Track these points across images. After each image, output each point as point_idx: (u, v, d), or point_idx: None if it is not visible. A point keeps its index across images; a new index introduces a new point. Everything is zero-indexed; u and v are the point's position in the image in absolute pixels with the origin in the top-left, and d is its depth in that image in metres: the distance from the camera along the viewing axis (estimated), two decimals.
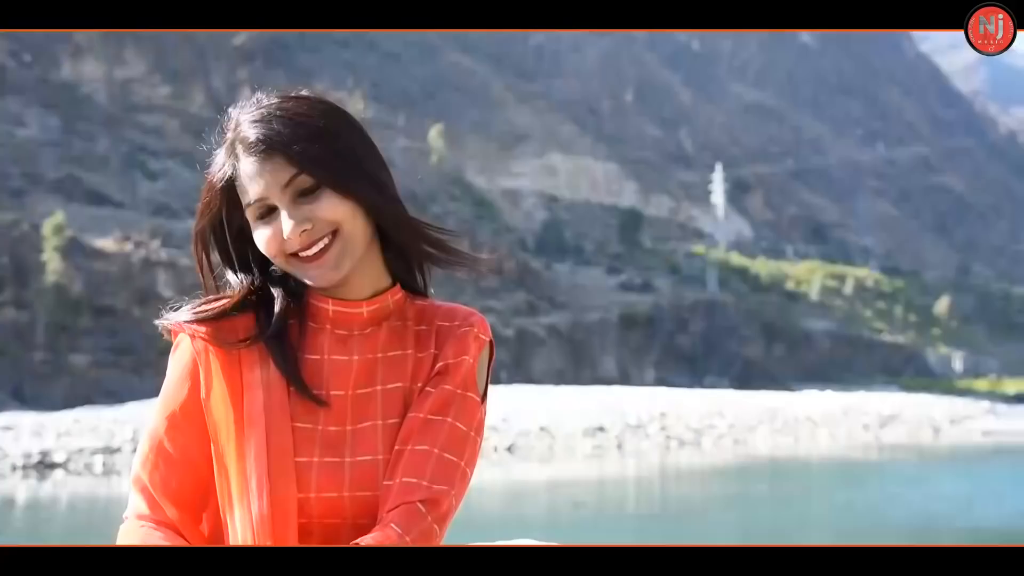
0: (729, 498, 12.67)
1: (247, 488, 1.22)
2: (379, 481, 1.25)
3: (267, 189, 1.24)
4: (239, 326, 1.29)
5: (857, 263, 79.33)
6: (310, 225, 1.23)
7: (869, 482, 14.42)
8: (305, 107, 1.26)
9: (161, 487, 1.26)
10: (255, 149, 1.24)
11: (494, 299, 43.66)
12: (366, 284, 1.31)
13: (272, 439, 1.24)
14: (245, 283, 1.31)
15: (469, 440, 1.28)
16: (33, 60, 51.93)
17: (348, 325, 1.31)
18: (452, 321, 1.33)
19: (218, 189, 1.29)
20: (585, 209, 71.61)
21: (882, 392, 40.64)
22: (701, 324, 50.13)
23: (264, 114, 1.25)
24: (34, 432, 16.11)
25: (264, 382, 1.26)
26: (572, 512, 11.27)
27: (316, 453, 1.25)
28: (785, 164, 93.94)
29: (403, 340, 1.32)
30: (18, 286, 29.47)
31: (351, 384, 1.29)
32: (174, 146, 51.74)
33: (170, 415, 1.27)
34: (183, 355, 1.28)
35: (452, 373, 1.30)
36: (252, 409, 1.25)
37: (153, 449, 1.27)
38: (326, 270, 1.25)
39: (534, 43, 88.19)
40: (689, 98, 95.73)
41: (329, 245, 1.25)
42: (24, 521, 10.65)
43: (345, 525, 1.25)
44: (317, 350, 1.30)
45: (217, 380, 1.26)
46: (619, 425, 20.16)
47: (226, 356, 1.27)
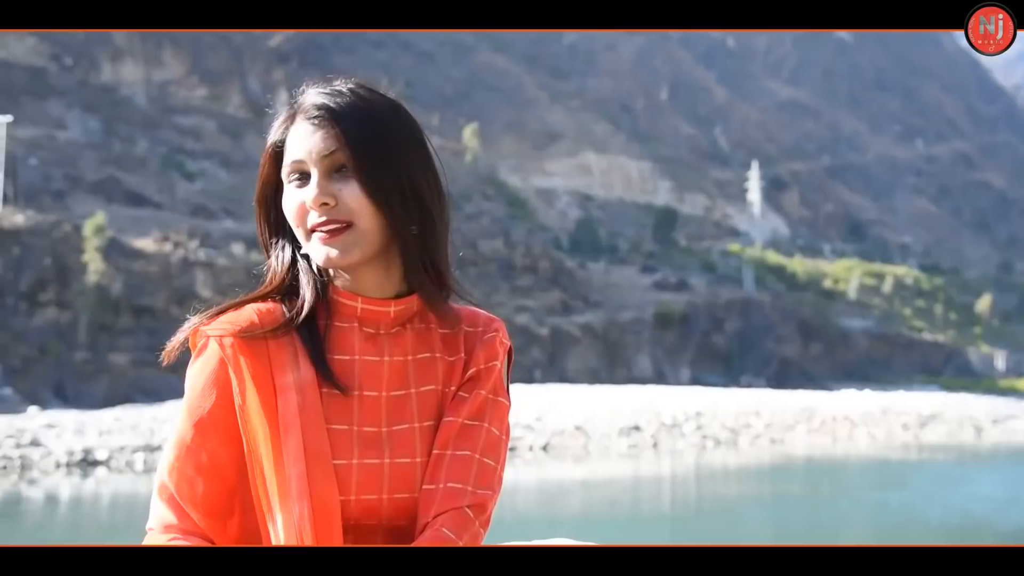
0: (765, 498, 12.58)
1: (288, 492, 1.22)
2: (416, 484, 1.26)
3: (308, 154, 1.24)
4: (266, 322, 1.28)
5: (896, 261, 78.38)
6: (333, 202, 1.23)
7: (908, 482, 14.25)
8: (375, 100, 1.27)
9: (189, 495, 1.25)
10: (310, 114, 1.26)
11: (528, 298, 43.66)
12: (391, 284, 1.30)
13: (309, 442, 1.23)
14: (280, 268, 1.31)
15: (503, 444, 1.32)
16: (74, 64, 52.74)
17: (376, 324, 1.30)
18: (476, 326, 1.35)
19: (269, 154, 1.30)
20: (619, 207, 71.40)
21: (922, 392, 40.12)
22: (737, 323, 49.79)
23: (333, 90, 1.27)
24: (76, 430, 16.37)
25: (297, 384, 1.25)
26: (607, 511, 11.25)
27: (355, 455, 1.25)
28: (822, 161, 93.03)
29: (430, 343, 1.33)
30: (60, 286, 29.95)
31: (384, 386, 1.29)
32: (211, 147, 52.31)
33: (198, 422, 1.26)
34: (210, 361, 1.26)
35: (484, 379, 1.32)
36: (287, 412, 1.24)
37: (180, 457, 1.26)
38: (331, 250, 1.24)
39: (568, 42, 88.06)
40: (724, 95, 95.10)
41: (342, 231, 1.24)
42: (68, 518, 10.82)
43: (381, 527, 1.26)
44: (347, 350, 1.29)
45: (250, 386, 1.25)
46: (654, 424, 20.08)
47: (257, 361, 1.25)
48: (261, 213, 1.32)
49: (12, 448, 14.34)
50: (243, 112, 57.88)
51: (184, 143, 51.58)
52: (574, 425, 19.01)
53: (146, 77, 54.88)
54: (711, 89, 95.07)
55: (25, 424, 17.14)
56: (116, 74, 54.06)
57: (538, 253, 47.17)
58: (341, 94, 1.26)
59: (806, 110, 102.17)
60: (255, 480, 1.25)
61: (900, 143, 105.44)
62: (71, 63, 52.60)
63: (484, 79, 75.52)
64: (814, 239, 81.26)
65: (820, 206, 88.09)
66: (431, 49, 73.16)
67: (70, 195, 39.68)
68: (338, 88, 1.27)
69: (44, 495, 12.17)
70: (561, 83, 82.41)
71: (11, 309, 29.16)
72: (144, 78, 54.74)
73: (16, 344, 27.90)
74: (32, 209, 32.94)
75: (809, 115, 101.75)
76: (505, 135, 70.77)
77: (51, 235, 30.79)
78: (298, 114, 1.27)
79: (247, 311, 1.29)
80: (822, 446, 19.54)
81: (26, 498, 12.00)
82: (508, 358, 1.36)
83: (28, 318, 29.30)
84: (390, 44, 69.59)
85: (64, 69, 52.22)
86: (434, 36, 72.19)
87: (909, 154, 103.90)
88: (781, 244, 74.93)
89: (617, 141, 78.14)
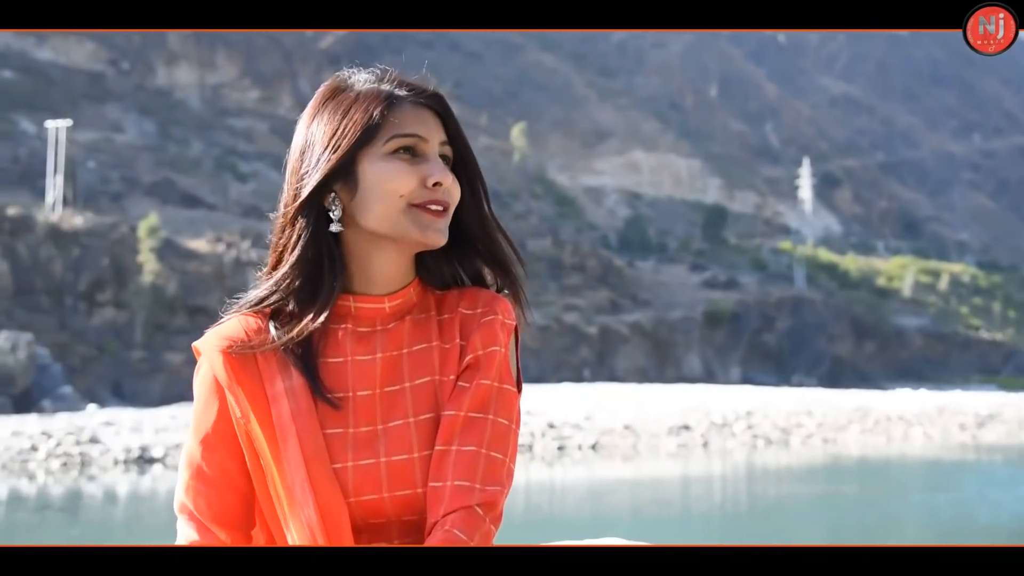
0: (818, 498, 12.42)
1: (295, 499, 1.22)
2: (417, 479, 1.24)
3: (429, 132, 1.27)
4: (253, 338, 1.28)
5: (952, 258, 76.87)
6: (448, 184, 1.26)
7: (963, 483, 13.97)
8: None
9: (207, 511, 1.25)
10: (421, 99, 1.28)
11: (577, 297, 43.59)
12: (394, 278, 1.30)
13: (306, 446, 1.23)
14: (304, 242, 1.27)
15: (511, 434, 1.26)
16: (131, 68, 53.79)
17: (370, 321, 1.29)
18: (475, 308, 1.30)
19: (362, 124, 1.25)
20: (668, 206, 70.96)
21: (979, 391, 39.30)
22: (788, 321, 49.21)
23: (425, 81, 1.31)
24: (133, 428, 16.69)
25: (288, 391, 1.25)
26: (657, 511, 11.19)
27: (349, 457, 1.24)
28: (875, 157, 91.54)
29: (427, 332, 1.30)
30: (117, 286, 30.57)
31: (378, 383, 1.27)
32: (263, 148, 52.99)
33: (203, 438, 1.27)
34: (206, 376, 1.28)
35: (486, 366, 1.26)
36: (282, 420, 1.24)
37: (192, 475, 1.26)
38: (441, 225, 1.26)
39: (616, 40, 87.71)
40: (775, 92, 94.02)
41: (444, 212, 1.27)
42: (125, 514, 11.03)
43: (391, 524, 1.24)
44: (340, 352, 1.28)
45: (243, 398, 1.25)
46: (704, 423, 19.93)
47: (245, 373, 1.26)
48: (332, 170, 1.25)
49: (72, 445, 14.67)
50: (294, 113, 58.13)
51: (237, 144, 52.34)
52: (623, 424, 18.94)
53: (200, 80, 55.77)
54: (761, 85, 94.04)
55: (84, 422, 17.53)
56: (171, 77, 55.02)
57: (587, 252, 47.08)
58: (435, 90, 1.30)
59: (859, 105, 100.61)
60: (266, 491, 1.25)
61: (957, 138, 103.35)
62: (128, 67, 53.65)
63: (532, 78, 75.53)
64: (867, 236, 80.00)
65: (874, 203, 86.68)
66: (479, 49, 73.33)
67: (127, 197, 40.48)
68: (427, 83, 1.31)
69: (103, 492, 12.42)
70: (609, 81, 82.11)
71: (71, 309, 29.84)
72: (198, 81, 55.64)
73: (75, 343, 28.54)
74: (90, 211, 33.68)
75: (862, 110, 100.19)
76: (553, 134, 70.70)
77: (109, 236, 31.44)
78: (405, 95, 1.28)
79: (236, 325, 1.28)
80: (876, 446, 19.24)
81: (86, 494, 12.27)
82: (516, 340, 1.31)
83: (87, 318, 29.97)
84: (439, 44, 69.90)
85: (121, 73, 53.28)
86: (482, 36, 72.38)
87: (966, 149, 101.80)
88: (833, 242, 73.89)
89: (666, 139, 77.66)
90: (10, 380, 23.68)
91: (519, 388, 1.30)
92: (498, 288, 1.34)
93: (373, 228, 1.26)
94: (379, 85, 1.28)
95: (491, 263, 1.34)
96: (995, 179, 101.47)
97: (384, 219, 1.25)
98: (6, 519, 10.40)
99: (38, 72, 49.25)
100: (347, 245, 1.28)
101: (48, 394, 24.10)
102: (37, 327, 27.17)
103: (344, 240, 1.28)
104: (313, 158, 1.27)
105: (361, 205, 1.25)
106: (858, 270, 66.43)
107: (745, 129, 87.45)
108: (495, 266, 1.34)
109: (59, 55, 51.33)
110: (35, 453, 14.26)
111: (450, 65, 64.21)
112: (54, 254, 30.13)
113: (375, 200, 1.24)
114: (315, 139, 1.28)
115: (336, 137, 1.26)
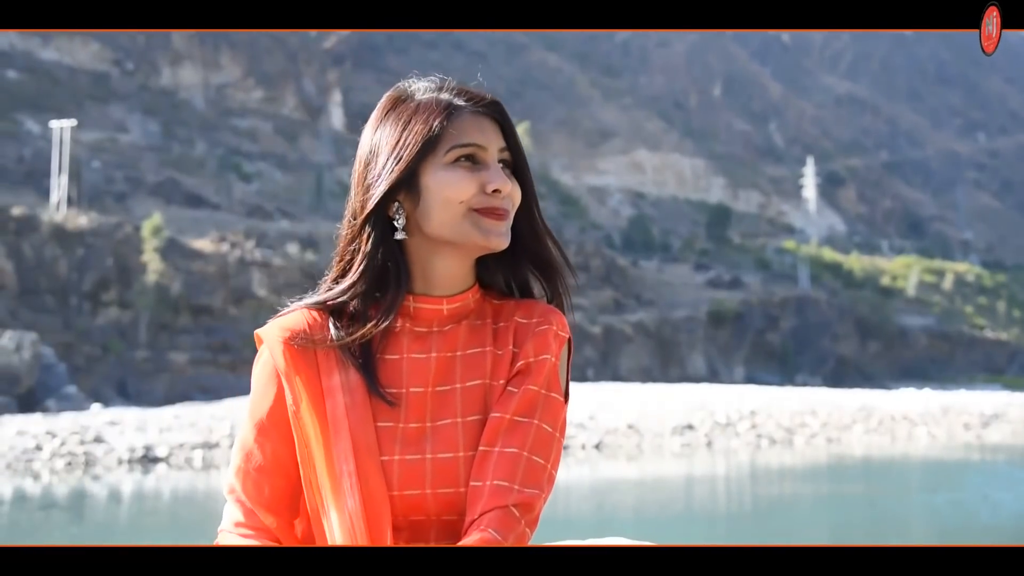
0: (821, 498, 12.41)
1: (341, 490, 1.25)
2: (460, 478, 1.26)
3: (488, 140, 1.30)
4: (321, 331, 1.31)
5: (957, 257, 76.78)
6: (507, 191, 1.29)
7: (967, 483, 13.95)
8: None
9: (255, 495, 1.29)
10: (480, 108, 1.31)
11: (581, 296, 43.59)
12: (454, 282, 1.33)
13: (358, 439, 1.26)
14: (370, 250, 1.30)
15: (555, 441, 1.29)
16: (135, 68, 53.87)
17: (428, 322, 1.33)
18: (530, 318, 1.33)
19: (423, 135, 1.28)
20: (672, 205, 70.95)
21: (984, 391, 39.23)
22: (792, 321, 49.17)
23: (483, 90, 1.34)
24: (137, 427, 16.71)
25: (344, 385, 1.29)
26: (661, 511, 11.19)
27: (397, 451, 1.27)
28: (879, 156, 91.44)
29: (482, 337, 1.33)
30: (122, 286, 30.61)
31: (430, 381, 1.31)
32: (267, 148, 53.07)
33: (258, 423, 1.30)
34: (266, 364, 1.31)
35: (535, 373, 1.30)
36: (335, 413, 1.27)
37: (244, 459, 1.30)
38: (503, 229, 1.29)
39: (620, 39, 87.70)
40: (779, 91, 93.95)
41: (505, 217, 1.30)
42: (130, 514, 11.06)
43: (431, 522, 1.27)
44: (397, 349, 1.32)
45: (300, 388, 1.29)
46: (708, 423, 19.91)
47: (306, 364, 1.29)
48: (396, 181, 1.29)
49: (77, 445, 14.70)
50: (298, 113, 58.62)
51: (241, 145, 52.40)
52: (627, 424, 18.94)
53: (204, 80, 55.84)
54: (766, 85, 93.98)
55: (89, 421, 17.56)
56: (175, 77, 55.09)
57: (590, 251, 47.06)
58: (494, 98, 1.33)
59: (864, 105, 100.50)
60: (309, 480, 1.28)
61: (961, 137, 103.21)
62: (132, 67, 53.74)
63: (536, 78, 75.55)
64: (871, 236, 79.94)
65: (878, 202, 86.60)
66: (483, 48, 73.38)
67: (131, 197, 40.55)
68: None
69: (107, 491, 12.45)
70: (613, 80, 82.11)
71: (75, 309, 29.89)
72: (202, 81, 55.70)
73: (80, 343, 28.59)
74: (95, 211, 33.73)
75: (867, 110, 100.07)
76: (557, 133, 70.72)
77: (113, 236, 31.49)
78: (464, 105, 1.30)
79: (299, 317, 1.32)
80: (880, 446, 19.22)
81: (90, 494, 12.29)
82: (570, 350, 1.34)
83: (91, 317, 30.01)
84: (442, 44, 69.97)
85: (125, 73, 53.37)
86: (486, 36, 72.43)
87: (970, 148, 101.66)
88: (837, 241, 73.84)
89: (670, 138, 77.64)
90: (15, 379, 23.73)
91: (566, 399, 1.33)
92: (548, 298, 1.39)
93: (436, 234, 1.29)
94: (438, 95, 1.32)
95: (540, 268, 1.38)
96: (1000, 178, 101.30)
97: (447, 225, 1.28)
98: (10, 519, 10.42)
99: (43, 72, 49.35)
100: (410, 250, 1.32)
101: (53, 393, 24.15)
102: (42, 327, 27.22)
103: (407, 246, 1.32)
104: (377, 169, 1.30)
105: (425, 213, 1.29)
106: (862, 269, 66.37)
107: (749, 128, 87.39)
108: (544, 271, 1.38)
109: (64, 55, 51.42)
110: (39, 452, 14.29)
111: (454, 65, 64.21)
112: (58, 254, 30.19)
113: (438, 208, 1.28)
114: (379, 150, 1.31)
115: (398, 148, 1.29)
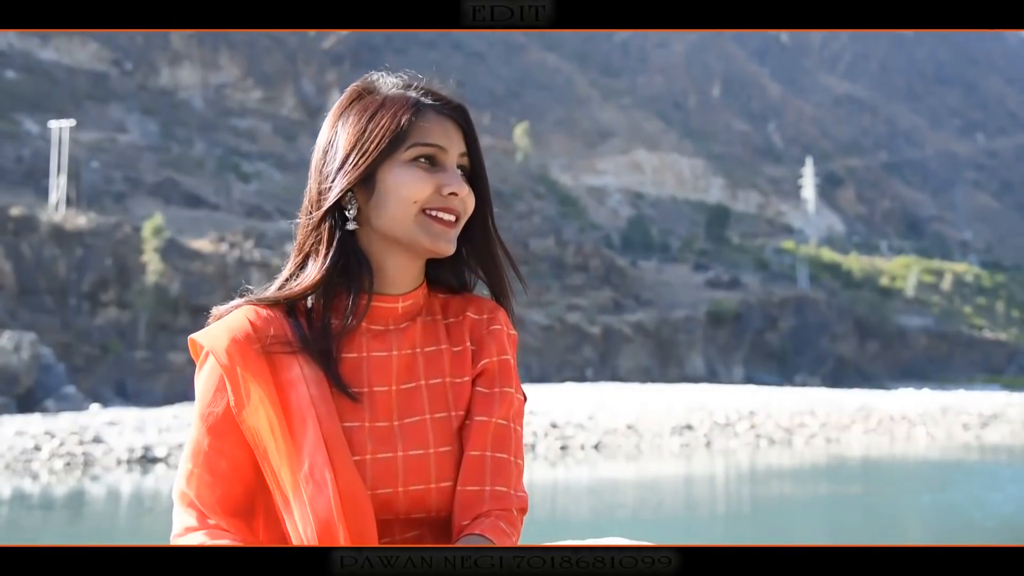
0: (820, 498, 12.42)
1: (311, 482, 1.22)
2: (431, 474, 1.26)
3: (450, 143, 1.30)
4: (270, 328, 1.28)
5: (956, 258, 76.84)
6: (463, 194, 1.29)
7: (965, 483, 13.96)
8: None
9: (209, 499, 1.26)
10: (446, 110, 1.31)
11: (580, 297, 43.59)
12: (406, 280, 1.33)
13: (327, 431, 1.24)
14: (327, 242, 1.29)
15: (521, 439, 1.35)
16: (134, 68, 53.86)
17: (384, 320, 1.32)
18: (481, 314, 1.36)
19: (391, 129, 1.28)
20: (671, 205, 70.97)
21: (983, 391, 39.25)
22: (791, 321, 49.19)
23: (450, 92, 1.33)
24: (137, 427, 16.70)
25: (304, 378, 1.26)
26: (660, 511, 11.19)
27: (369, 450, 1.26)
28: (879, 157, 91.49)
29: (436, 335, 1.35)
30: (121, 286, 30.61)
31: (394, 380, 1.30)
32: (266, 148, 53.05)
33: (210, 427, 1.27)
34: (213, 371, 1.27)
35: (505, 375, 1.34)
36: (299, 404, 1.25)
37: (197, 463, 1.27)
38: (450, 235, 1.29)
39: (619, 39, 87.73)
40: (778, 91, 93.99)
41: (456, 223, 1.30)
42: (129, 513, 11.05)
43: (398, 520, 1.26)
44: (355, 348, 1.31)
45: (248, 389, 1.25)
46: (707, 423, 19.92)
47: (256, 363, 1.26)
48: (358, 179, 1.28)
49: (76, 445, 14.69)
50: (297, 114, 58.61)
51: (240, 145, 52.39)
52: (626, 424, 18.94)
53: (203, 80, 55.84)
54: (765, 85, 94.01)
55: (88, 421, 17.56)
56: (174, 78, 55.09)
57: (589, 252, 47.08)
58: (460, 102, 1.33)
59: (863, 105, 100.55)
60: (273, 479, 1.26)
61: (960, 137, 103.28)
62: (131, 68, 53.74)
63: (535, 78, 75.56)
64: (870, 236, 79.99)
65: (877, 202, 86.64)
66: (482, 49, 73.41)
67: (130, 197, 40.54)
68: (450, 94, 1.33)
69: (106, 491, 12.44)
70: (612, 81, 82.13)
71: (74, 309, 29.89)
72: (201, 81, 55.70)
73: (79, 343, 28.58)
74: (94, 211, 33.73)
75: (866, 110, 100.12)
76: (556, 133, 70.73)
77: (112, 236, 31.48)
78: (431, 104, 1.30)
79: (241, 318, 1.28)
80: (879, 446, 19.22)
81: (89, 494, 12.29)
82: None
83: (90, 318, 30.01)
84: (442, 44, 69.96)
85: (124, 74, 53.37)
86: (485, 36, 72.38)
87: (969, 149, 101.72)
88: (836, 241, 73.89)
89: (669, 138, 77.66)
90: (14, 380, 23.73)
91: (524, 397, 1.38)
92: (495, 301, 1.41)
93: (385, 230, 1.29)
94: (406, 92, 1.31)
95: (488, 275, 1.38)
96: (998, 179, 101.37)
97: (397, 222, 1.28)
98: (9, 519, 10.42)
99: (42, 72, 49.34)
100: (363, 245, 1.31)
101: (52, 394, 24.14)
102: (41, 327, 27.21)
103: (359, 240, 1.31)
104: (337, 160, 1.29)
105: (377, 207, 1.28)
106: (861, 270, 66.41)
107: (748, 129, 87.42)
108: (491, 278, 1.38)
109: (63, 55, 51.42)
110: (38, 453, 14.29)
111: (453, 65, 64.18)
112: (58, 254, 30.18)
113: (390, 204, 1.27)
114: (339, 141, 1.30)
115: (363, 141, 1.28)
